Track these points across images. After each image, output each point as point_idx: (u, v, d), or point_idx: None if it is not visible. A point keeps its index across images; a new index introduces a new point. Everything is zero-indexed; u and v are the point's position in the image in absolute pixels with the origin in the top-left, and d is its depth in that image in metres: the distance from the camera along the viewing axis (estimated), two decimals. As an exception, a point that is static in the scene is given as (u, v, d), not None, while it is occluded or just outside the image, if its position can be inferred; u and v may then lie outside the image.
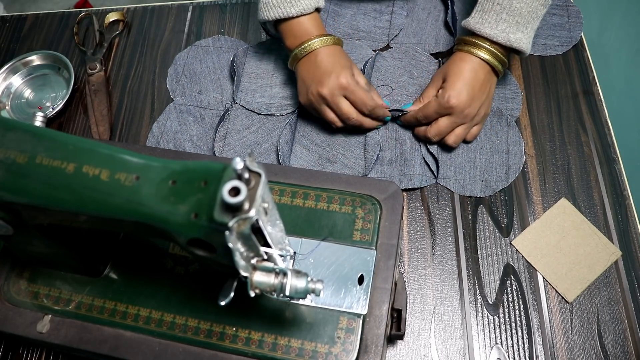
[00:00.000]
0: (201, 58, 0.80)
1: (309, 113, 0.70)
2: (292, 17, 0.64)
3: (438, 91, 0.65)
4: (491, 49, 0.62)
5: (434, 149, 0.67)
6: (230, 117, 0.72)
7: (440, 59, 0.74)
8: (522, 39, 0.62)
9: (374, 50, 0.77)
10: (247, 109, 0.73)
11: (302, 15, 0.64)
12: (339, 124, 0.66)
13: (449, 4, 0.78)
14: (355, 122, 0.65)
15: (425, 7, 0.80)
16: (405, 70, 0.73)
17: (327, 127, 0.70)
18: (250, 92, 0.74)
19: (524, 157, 0.66)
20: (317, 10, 0.66)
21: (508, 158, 0.66)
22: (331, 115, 0.65)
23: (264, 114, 0.73)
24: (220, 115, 0.73)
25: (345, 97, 0.64)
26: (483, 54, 0.62)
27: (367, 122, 0.66)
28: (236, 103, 0.74)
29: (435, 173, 0.66)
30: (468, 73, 0.62)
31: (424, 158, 0.67)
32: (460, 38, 0.66)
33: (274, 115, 0.73)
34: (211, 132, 0.72)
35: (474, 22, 0.63)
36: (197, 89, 0.77)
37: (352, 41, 0.77)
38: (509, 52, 0.64)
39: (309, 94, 0.65)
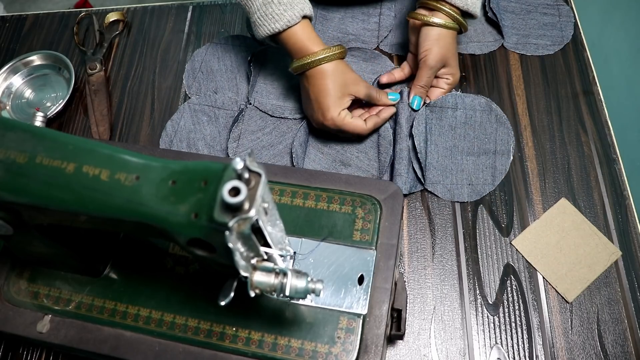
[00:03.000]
0: (219, 56, 0.80)
1: None
2: (281, 31, 0.64)
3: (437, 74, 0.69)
4: (451, 12, 0.65)
5: (421, 154, 0.66)
6: (245, 118, 0.72)
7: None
8: (476, 3, 0.66)
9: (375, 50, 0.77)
10: (261, 111, 0.73)
11: (289, 27, 0.63)
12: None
13: None
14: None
15: (414, 7, 0.80)
16: None
17: None
18: (265, 94, 0.74)
19: (511, 158, 0.65)
20: (306, 17, 0.65)
21: (495, 159, 0.66)
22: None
23: (277, 117, 0.72)
24: (234, 115, 0.73)
25: (338, 131, 0.66)
26: (449, 23, 0.65)
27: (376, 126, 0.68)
28: (250, 104, 0.74)
29: (423, 179, 0.65)
30: (454, 49, 0.67)
31: (411, 163, 0.66)
32: (422, 2, 0.67)
33: (287, 118, 0.72)
34: (225, 133, 0.72)
35: None
36: (213, 86, 0.77)
37: (371, 51, 0.77)
38: (463, 16, 0.67)
39: (308, 117, 0.69)
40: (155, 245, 0.52)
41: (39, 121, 0.49)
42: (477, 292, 0.60)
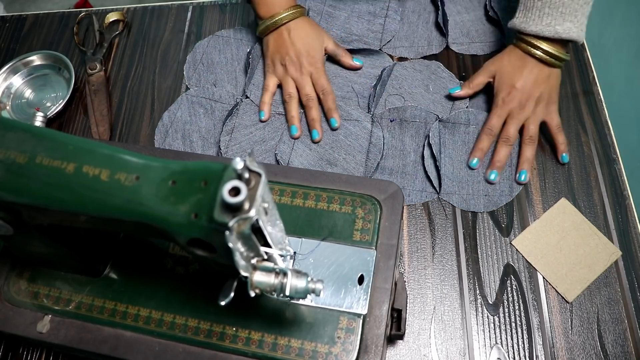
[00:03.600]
0: (220, 48, 0.80)
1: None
2: None
3: (487, 83, 0.68)
4: (544, 47, 0.62)
5: (433, 165, 0.66)
6: (239, 112, 0.73)
7: (461, 81, 0.73)
8: (572, 29, 0.61)
9: (390, 55, 0.77)
10: (256, 104, 0.73)
11: None
12: (294, 99, 0.71)
13: (440, 4, 0.78)
14: (310, 104, 0.70)
15: (415, 10, 0.80)
16: (422, 83, 0.73)
17: (331, 130, 0.70)
18: (262, 87, 0.74)
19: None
20: None
21: (512, 171, 0.65)
22: (291, 88, 0.70)
23: (272, 112, 0.73)
24: (229, 109, 0.73)
25: (310, 76, 0.70)
26: (536, 52, 0.63)
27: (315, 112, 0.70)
28: (247, 97, 0.74)
29: (438, 189, 0.65)
30: (522, 71, 0.64)
31: (426, 173, 0.66)
32: (515, 42, 0.66)
33: (282, 114, 0.73)
34: (220, 126, 0.72)
35: (518, 22, 0.64)
36: (213, 79, 0.77)
37: (377, 51, 0.77)
38: (564, 43, 0.63)
39: (280, 60, 0.71)
40: (155, 245, 0.52)
41: (39, 121, 0.49)
42: (477, 292, 0.60)
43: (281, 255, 0.40)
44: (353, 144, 0.69)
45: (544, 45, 0.63)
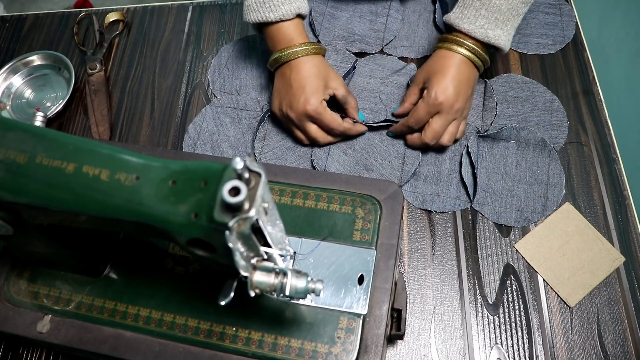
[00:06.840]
0: (246, 53, 0.79)
1: None
2: (272, 22, 0.64)
3: (422, 91, 0.65)
4: (472, 45, 0.62)
5: (470, 174, 0.65)
6: (270, 119, 0.72)
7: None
8: (501, 36, 0.62)
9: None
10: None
11: (282, 20, 0.64)
12: (306, 142, 0.67)
13: (438, 4, 0.78)
14: (324, 143, 0.67)
15: (416, 10, 0.80)
16: None
17: (367, 135, 0.69)
18: None
19: (564, 191, 0.64)
20: (300, 16, 0.66)
21: (547, 190, 0.64)
22: (299, 134, 0.67)
23: None
24: (257, 116, 0.73)
25: (313, 122, 0.65)
26: (463, 51, 0.62)
27: (339, 139, 0.68)
28: None
29: (472, 197, 0.64)
30: (452, 69, 0.62)
31: (462, 181, 0.66)
32: (442, 36, 0.65)
33: None
34: (249, 134, 0.72)
35: (454, 16, 0.63)
36: (237, 84, 0.76)
37: (397, 60, 0.76)
38: (489, 48, 0.64)
39: (279, 109, 0.66)
40: (155, 245, 0.52)
41: (39, 121, 0.49)
42: (477, 292, 0.60)
43: (281, 255, 0.40)
44: (389, 149, 0.68)
45: (470, 42, 0.62)
